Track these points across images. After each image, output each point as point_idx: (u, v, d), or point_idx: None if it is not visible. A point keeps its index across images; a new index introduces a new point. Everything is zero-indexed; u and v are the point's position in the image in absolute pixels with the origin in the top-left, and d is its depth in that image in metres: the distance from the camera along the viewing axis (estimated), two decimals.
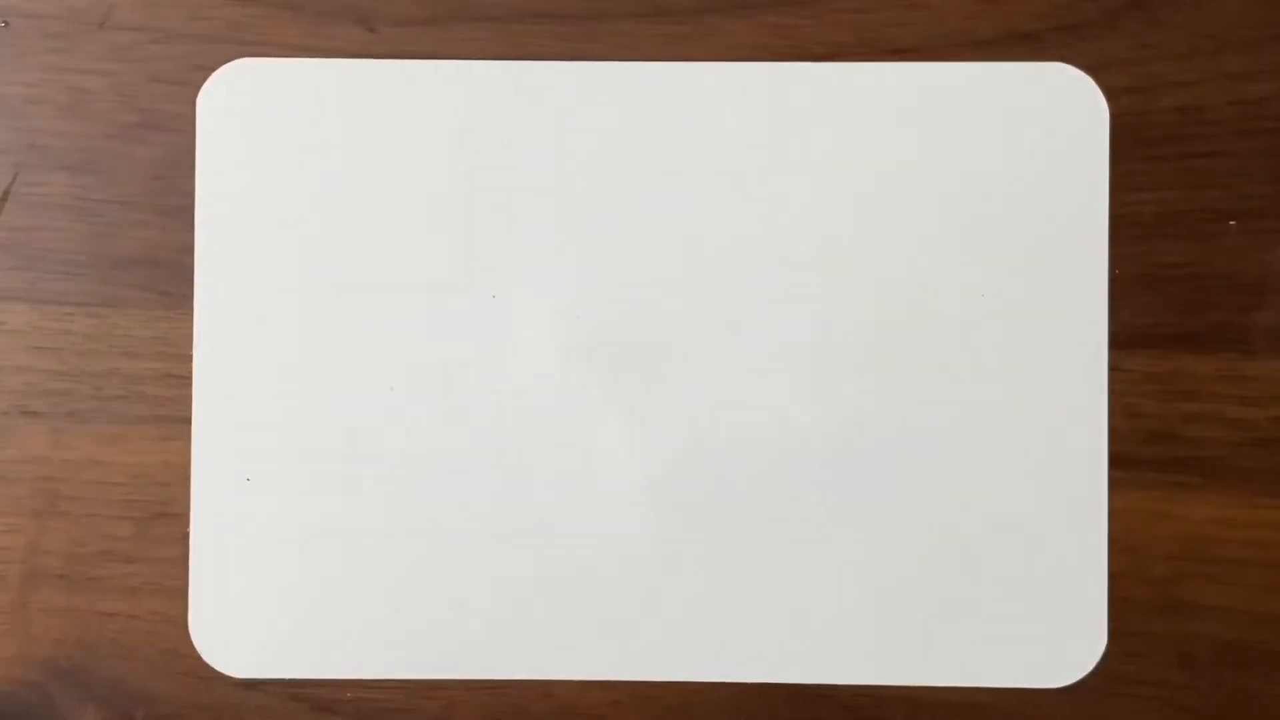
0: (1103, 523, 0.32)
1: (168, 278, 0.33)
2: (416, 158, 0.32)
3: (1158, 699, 0.32)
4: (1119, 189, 0.32)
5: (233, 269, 0.32)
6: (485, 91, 0.32)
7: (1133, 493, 0.32)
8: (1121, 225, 0.32)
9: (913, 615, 0.32)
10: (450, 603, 0.32)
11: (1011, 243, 0.32)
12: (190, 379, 0.32)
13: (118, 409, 0.32)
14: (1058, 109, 0.32)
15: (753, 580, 0.32)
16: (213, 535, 0.32)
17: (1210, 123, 0.32)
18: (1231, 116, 0.32)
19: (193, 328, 0.32)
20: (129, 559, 0.32)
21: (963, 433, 0.32)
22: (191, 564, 0.32)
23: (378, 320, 0.32)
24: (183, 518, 0.32)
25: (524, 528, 0.32)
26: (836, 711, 0.32)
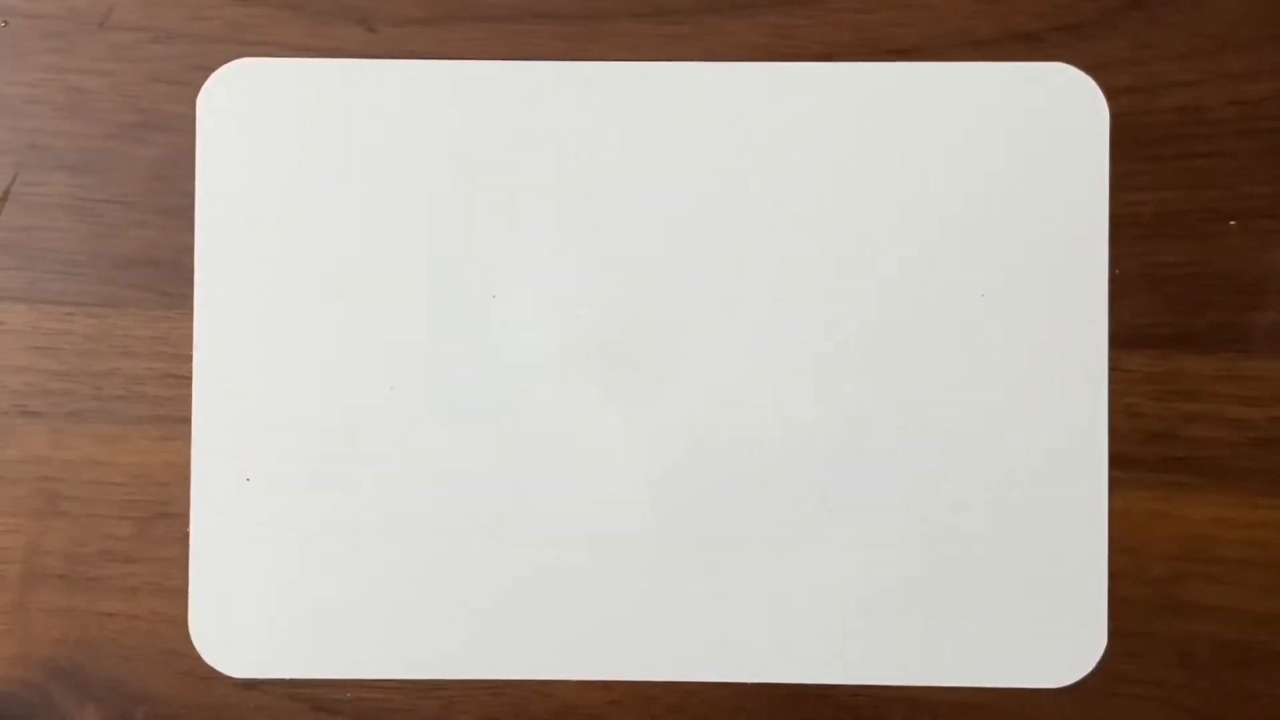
0: (1103, 523, 0.32)
1: (168, 278, 0.33)
2: (416, 158, 0.32)
3: (1158, 699, 0.32)
4: (1119, 189, 0.32)
5: (233, 269, 0.32)
6: (485, 91, 0.32)
7: (1133, 493, 0.32)
8: (1121, 225, 0.32)
9: (912, 615, 0.32)
10: (450, 603, 0.32)
11: (1011, 243, 0.32)
12: (190, 379, 0.32)
13: (118, 409, 0.32)
14: (1058, 109, 0.32)
15: (752, 580, 0.32)
16: (213, 535, 0.32)
17: (1210, 123, 0.32)
18: (1231, 116, 0.32)
19: (193, 328, 0.32)
20: (129, 559, 0.32)
21: (963, 433, 0.32)
22: (191, 564, 0.32)
23: (378, 320, 0.32)
24: (183, 518, 0.32)
25: (524, 528, 0.32)
26: (835, 711, 0.32)
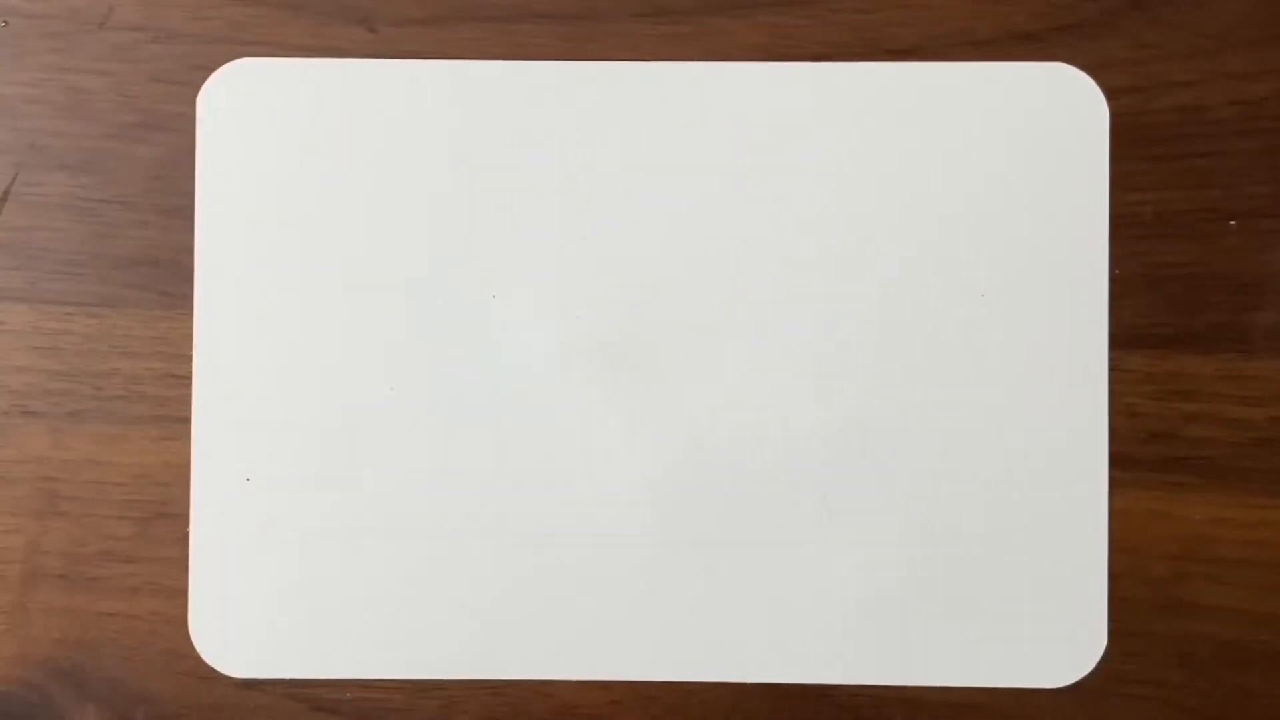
0: (1103, 523, 0.32)
1: (168, 278, 0.33)
2: (416, 158, 0.32)
3: (1158, 699, 0.32)
4: (1119, 189, 0.32)
5: (233, 269, 0.32)
6: (485, 91, 0.32)
7: (1133, 493, 0.32)
8: (1121, 225, 0.32)
9: (912, 615, 0.32)
10: (450, 603, 0.32)
11: (1011, 243, 0.32)
12: (190, 379, 0.32)
13: (118, 409, 0.32)
14: (1058, 109, 0.32)
15: (752, 580, 0.32)
16: (213, 535, 0.32)
17: (1210, 123, 0.32)
18: (1231, 116, 0.32)
19: (193, 328, 0.32)
20: (129, 559, 0.32)
21: (963, 433, 0.32)
22: (191, 564, 0.32)
23: (377, 320, 0.32)
24: (183, 518, 0.32)
25: (524, 528, 0.32)
26: (835, 711, 0.32)
